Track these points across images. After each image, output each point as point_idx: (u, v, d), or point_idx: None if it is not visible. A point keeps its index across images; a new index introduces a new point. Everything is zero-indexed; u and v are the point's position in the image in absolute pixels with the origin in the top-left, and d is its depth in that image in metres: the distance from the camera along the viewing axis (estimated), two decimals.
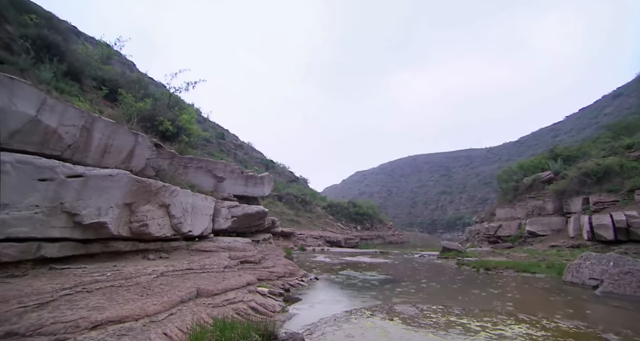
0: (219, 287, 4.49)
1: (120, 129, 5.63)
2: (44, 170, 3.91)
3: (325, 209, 37.19)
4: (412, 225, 76.60)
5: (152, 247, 5.77)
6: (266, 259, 7.64)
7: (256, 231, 10.10)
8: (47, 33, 10.70)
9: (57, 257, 4.28)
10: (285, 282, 6.10)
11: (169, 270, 4.84)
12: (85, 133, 4.91)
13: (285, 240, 18.69)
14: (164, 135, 11.36)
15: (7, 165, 3.50)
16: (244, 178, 10.58)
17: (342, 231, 33.57)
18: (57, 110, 4.40)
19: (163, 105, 12.77)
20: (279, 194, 31.85)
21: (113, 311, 2.92)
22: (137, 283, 4.08)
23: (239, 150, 45.11)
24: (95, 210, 4.48)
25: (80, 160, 4.89)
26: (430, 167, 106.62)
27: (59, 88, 9.06)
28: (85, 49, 14.03)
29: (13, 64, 8.11)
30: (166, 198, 5.72)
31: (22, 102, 3.85)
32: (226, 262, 6.00)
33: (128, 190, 4.89)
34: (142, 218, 5.12)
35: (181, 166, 8.33)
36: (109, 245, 5.08)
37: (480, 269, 9.95)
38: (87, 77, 11.80)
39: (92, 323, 2.59)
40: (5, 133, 3.74)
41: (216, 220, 7.99)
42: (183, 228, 6.23)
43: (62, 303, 2.91)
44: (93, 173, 4.44)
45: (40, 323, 2.37)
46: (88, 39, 31.09)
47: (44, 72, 8.91)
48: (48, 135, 4.31)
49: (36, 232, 3.85)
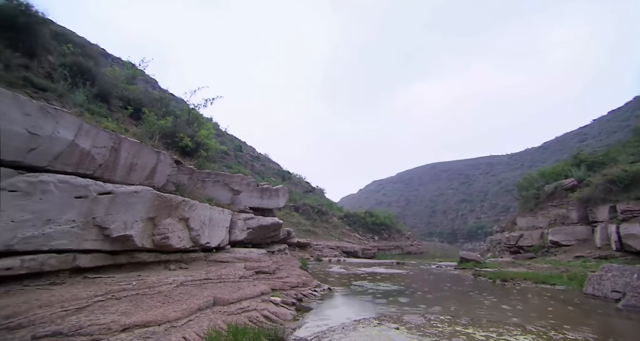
0: (234, 296, 4.78)
1: (144, 148, 6.14)
2: (79, 189, 4.39)
3: (341, 219, 37.14)
4: (432, 234, 74.84)
5: (173, 258, 6.16)
6: (280, 269, 7.89)
7: (271, 242, 10.39)
8: (82, 60, 11.70)
9: (90, 267, 4.71)
10: (298, 292, 6.32)
11: (188, 279, 5.18)
12: (114, 153, 5.42)
13: (301, 250, 18.88)
14: (184, 151, 12.02)
15: (50, 184, 3.98)
16: (259, 191, 10.97)
17: (359, 241, 33.35)
18: (90, 134, 4.92)
19: (183, 122, 13.51)
20: (296, 205, 32.16)
21: (139, 317, 3.25)
22: (159, 291, 4.43)
23: (256, 161, 46.09)
24: (122, 224, 4.91)
25: (109, 178, 5.39)
26: (450, 175, 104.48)
27: (90, 110, 9.87)
28: (113, 71, 15.09)
29: (53, 91, 8.98)
30: (186, 212, 6.13)
31: (63, 129, 4.37)
32: (241, 272, 6.30)
33: (151, 205, 5.32)
34: (163, 231, 5.53)
35: (200, 180, 8.81)
36: (134, 256, 5.50)
37: (497, 280, 9.77)
38: (115, 98, 12.66)
39: (122, 326, 2.92)
40: (50, 156, 4.26)
41: (232, 232, 8.35)
42: (201, 240, 6.62)
43: (96, 308, 3.27)
44: (120, 190, 4.89)
45: (79, 324, 2.72)
46: (115, 59, 33.20)
47: (78, 96, 9.78)
48: (83, 156, 4.82)
49: (72, 244, 4.29)
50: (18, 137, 3.83)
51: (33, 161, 4.09)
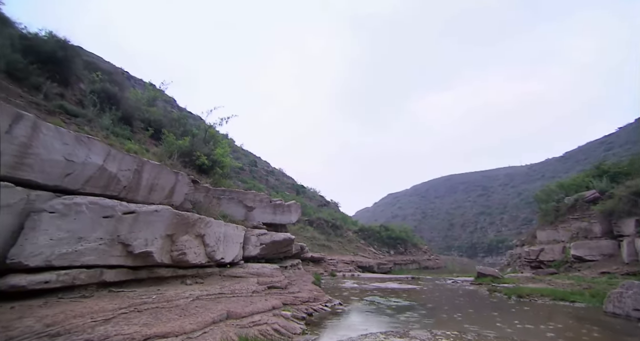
0: (247, 310, 5.02)
1: (164, 170, 6.61)
2: (107, 209, 4.82)
3: (356, 233, 36.89)
4: (450, 248, 72.73)
5: (189, 273, 6.49)
6: (292, 284, 8.08)
7: (284, 257, 10.61)
8: (108, 86, 12.66)
9: (114, 281, 5.08)
10: (309, 307, 6.48)
11: (204, 294, 5.47)
12: (137, 175, 5.90)
13: (315, 265, 18.92)
14: (200, 168, 12.61)
15: (82, 206, 4.42)
16: (272, 207, 11.31)
17: (374, 256, 32.93)
18: (117, 158, 5.41)
19: (200, 141, 14.19)
20: (310, 219, 32.27)
21: (158, 328, 3.54)
22: (176, 305, 4.73)
23: (271, 176, 46.81)
24: (143, 241, 5.30)
25: (132, 198, 5.84)
26: (467, 187, 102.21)
27: (115, 133, 10.62)
28: (135, 94, 16.12)
29: (84, 117, 9.78)
30: (201, 229, 6.50)
31: (94, 155, 4.87)
32: (254, 287, 6.54)
33: (170, 223, 5.71)
34: (181, 247, 5.89)
35: (215, 198, 9.24)
36: (154, 272, 5.85)
37: (513, 296, 9.56)
38: (137, 120, 13.47)
39: (144, 336, 3.22)
40: (82, 180, 4.74)
41: (246, 248, 8.65)
42: (216, 255, 6.94)
43: (121, 319, 3.59)
44: (142, 209, 5.31)
45: (107, 334, 3.04)
46: (137, 81, 35.21)
47: (105, 120, 10.58)
48: (110, 179, 5.30)
49: (100, 260, 4.69)
50: (58, 164, 4.33)
51: (68, 185, 4.58)
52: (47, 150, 4.14)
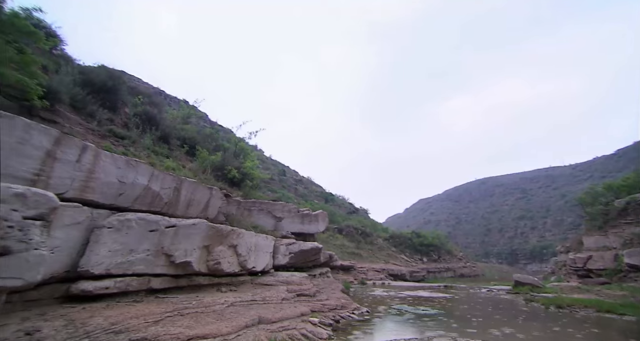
0: (277, 316, 5.40)
1: (199, 186, 7.26)
2: (152, 223, 5.46)
3: (387, 241, 36.37)
4: (488, 255, 69.05)
5: (224, 281, 7.02)
6: (321, 292, 8.37)
7: (313, 266, 10.93)
8: (149, 109, 13.92)
9: (160, 288, 5.69)
10: (336, 314, 6.73)
11: (237, 300, 5.93)
12: (176, 192, 6.56)
13: (345, 273, 19.01)
14: (232, 181, 13.41)
15: (132, 221, 5.08)
16: (300, 217, 11.73)
17: (406, 263, 32.24)
18: (159, 178, 6.10)
19: (230, 155, 15.07)
20: (339, 227, 32.35)
21: (199, 330, 4.01)
22: (213, 310, 5.22)
23: (299, 184, 47.60)
24: (183, 252, 5.88)
25: (173, 213, 6.50)
26: (503, 190, 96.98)
27: (155, 151, 11.66)
28: (172, 113, 17.46)
29: (129, 138, 10.89)
30: (234, 240, 7.03)
31: (141, 176, 5.57)
32: (284, 295, 6.93)
33: (206, 235, 6.28)
34: (216, 257, 6.43)
35: (246, 210, 9.84)
36: (193, 280, 6.43)
37: (551, 307, 9.11)
38: (173, 138, 14.58)
39: (187, 336, 3.69)
40: (131, 199, 5.44)
41: (276, 257, 9.10)
42: (248, 264, 7.43)
43: (167, 322, 4.10)
44: (182, 223, 5.92)
45: (157, 333, 3.54)
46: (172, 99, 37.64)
47: (146, 140, 11.67)
48: (154, 197, 5.98)
49: (147, 269, 5.31)
50: (113, 186, 5.03)
51: (121, 203, 5.28)
52: (105, 174, 4.84)
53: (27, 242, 2.12)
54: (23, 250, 2.10)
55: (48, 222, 2.31)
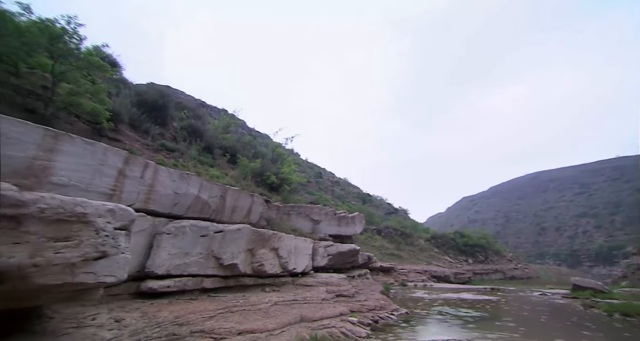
0: (317, 315, 5.73)
1: (242, 193, 7.86)
2: (203, 229, 6.08)
3: (428, 241, 35.29)
4: (543, 256, 63.72)
5: (267, 282, 7.51)
6: (359, 293, 8.57)
7: (351, 267, 11.15)
8: (193, 122, 15.12)
9: (211, 288, 6.30)
10: (375, 314, 6.90)
11: (280, 300, 6.36)
12: (222, 200, 7.19)
13: (385, 275, 18.90)
14: (271, 187, 14.10)
15: (186, 228, 5.73)
16: (337, 219, 12.02)
17: (450, 265, 31.04)
18: (207, 188, 6.75)
19: (268, 161, 15.83)
20: (378, 228, 32.07)
21: (247, 325, 4.46)
22: (259, 308, 5.68)
23: (336, 186, 47.86)
24: (230, 255, 6.45)
25: (219, 219, 7.13)
26: (558, 185, 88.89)
27: (200, 161, 12.68)
28: (214, 124, 18.70)
29: (178, 151, 11.98)
30: (275, 243, 7.51)
31: (192, 187, 6.24)
32: (323, 295, 7.25)
33: (249, 239, 6.81)
34: (259, 259, 6.94)
35: (285, 214, 10.35)
36: (239, 280, 6.99)
37: (615, 314, 8.37)
38: (216, 148, 15.64)
39: (238, 331, 4.15)
40: (185, 207, 6.12)
41: (315, 258, 9.46)
42: (289, 266, 7.87)
43: (219, 318, 4.61)
44: (228, 228, 6.49)
45: (212, 327, 4.04)
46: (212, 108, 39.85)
47: (192, 151, 12.73)
48: (203, 205, 6.64)
49: (200, 270, 5.93)
50: (169, 197, 5.73)
51: (176, 211, 5.97)
52: (163, 187, 5.54)
53: (117, 248, 2.65)
54: (115, 254, 2.63)
55: (129, 231, 2.84)
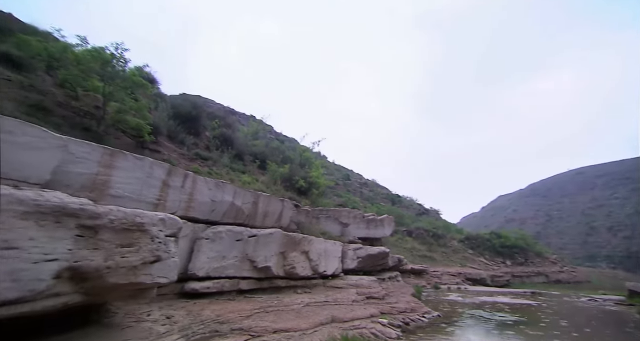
0: (348, 316, 5.92)
1: (272, 199, 8.24)
2: (237, 234, 6.50)
3: (462, 242, 34.08)
4: (594, 258, 58.92)
5: (299, 283, 7.81)
6: (390, 295, 8.62)
7: (381, 269, 11.20)
8: (224, 131, 15.90)
9: (246, 289, 6.69)
10: (406, 317, 6.95)
11: (312, 301, 6.62)
12: (254, 206, 7.60)
13: (417, 277, 18.59)
14: (299, 190, 14.48)
15: (222, 233, 6.16)
16: (365, 222, 12.12)
17: (486, 267, 29.78)
18: (241, 195, 7.19)
19: (296, 166, 16.24)
20: (408, 229, 31.52)
21: (282, 324, 4.75)
22: (292, 309, 5.97)
23: (364, 188, 47.58)
24: (263, 258, 6.81)
25: (252, 224, 7.53)
26: (608, 181, 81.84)
27: (232, 168, 13.31)
28: (243, 131, 19.47)
29: (211, 159, 12.69)
30: (305, 246, 7.79)
31: (227, 195, 6.69)
32: (354, 297, 7.42)
33: (281, 242, 7.15)
34: (291, 262, 7.25)
35: (314, 217, 10.63)
36: (273, 282, 7.34)
37: None
38: (246, 154, 16.30)
39: (273, 329, 4.44)
40: (221, 214, 6.58)
41: (344, 261, 9.64)
42: (319, 269, 8.12)
43: (255, 317, 4.95)
44: (261, 233, 6.87)
45: (249, 325, 4.37)
46: (240, 115, 41.23)
47: (224, 159, 13.40)
48: (237, 211, 7.07)
49: (236, 273, 6.34)
50: (207, 204, 6.21)
51: (213, 218, 6.44)
52: (201, 195, 6.02)
53: (168, 253, 3.04)
54: (166, 258, 3.02)
55: (177, 238, 3.23)
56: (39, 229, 2.06)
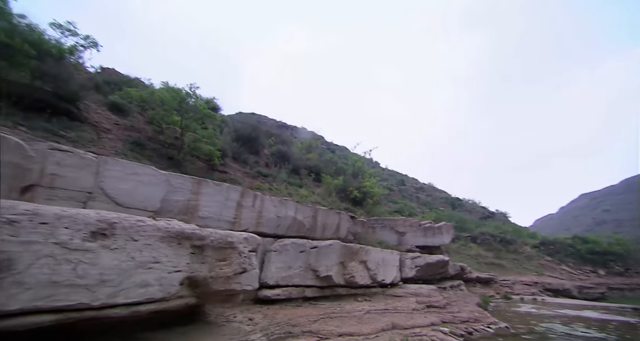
0: (408, 324, 6.16)
1: (330, 212, 8.85)
2: (301, 246, 7.19)
3: (537, 248, 30.95)
4: None
5: (359, 292, 8.21)
6: (451, 305, 8.53)
7: (441, 278, 11.01)
8: (281, 147, 17.16)
9: (311, 297, 7.31)
10: (469, 326, 6.89)
11: (372, 309, 6.98)
12: (314, 219, 8.28)
13: (483, 286, 17.51)
14: (354, 201, 14.93)
15: (288, 245, 6.91)
16: (422, 230, 12.06)
17: (570, 276, 26.56)
18: (301, 210, 7.93)
19: (349, 177, 16.74)
20: (472, 235, 29.75)
21: (345, 329, 5.23)
22: (353, 315, 6.41)
23: (421, 192, 46.04)
24: (325, 267, 7.39)
25: (312, 236, 8.20)
26: None
27: (290, 182, 14.32)
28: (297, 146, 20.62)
29: (270, 175, 13.85)
30: (363, 256, 8.20)
31: (289, 210, 7.48)
32: (413, 305, 7.57)
33: (340, 253, 7.67)
34: (350, 271, 7.71)
35: (370, 227, 10.97)
36: (334, 290, 7.86)
37: None
38: (302, 168, 17.27)
39: (338, 333, 4.95)
40: (285, 228, 7.38)
41: (402, 270, 9.77)
42: (377, 277, 8.43)
43: (322, 322, 5.51)
44: (322, 244, 7.48)
45: (317, 329, 4.94)
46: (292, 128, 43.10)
47: (282, 174, 14.48)
48: (299, 225, 7.81)
49: (301, 281, 7.01)
50: (273, 220, 7.05)
51: (279, 232, 7.25)
52: (268, 212, 6.87)
53: (251, 265, 3.78)
54: (250, 270, 3.76)
55: (256, 252, 3.97)
56: (169, 248, 2.90)
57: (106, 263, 2.47)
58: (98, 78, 11.43)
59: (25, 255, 2.03)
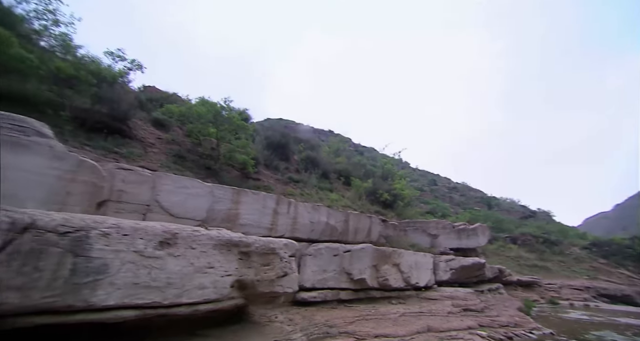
0: (444, 326, 6.18)
1: (361, 216, 9.04)
2: (334, 250, 7.45)
3: (587, 249, 28.78)
4: None
5: (393, 295, 8.29)
6: (490, 308, 8.35)
7: (478, 281, 10.73)
8: (310, 153, 17.56)
9: (346, 299, 7.52)
10: (509, 331, 6.75)
11: (407, 311, 7.05)
12: (345, 224, 8.52)
13: (525, 290, 16.63)
14: (384, 203, 14.92)
15: (322, 249, 7.21)
16: (456, 232, 11.84)
17: (630, 281, 24.37)
18: (333, 215, 8.20)
19: (379, 179, 16.74)
20: (511, 236, 28.39)
21: (381, 331, 5.40)
22: (388, 318, 6.54)
23: (454, 192, 44.57)
24: (358, 271, 7.58)
25: (345, 240, 8.43)
26: None
27: (320, 187, 14.62)
28: (326, 150, 20.92)
29: (301, 181, 14.25)
30: (396, 259, 8.28)
31: (322, 215, 7.79)
32: (449, 309, 7.53)
33: (373, 256, 7.83)
34: (383, 274, 7.84)
35: (402, 230, 10.98)
36: (368, 293, 8.01)
37: None
38: (331, 172, 17.54)
39: (374, 334, 5.14)
40: (318, 233, 7.69)
41: (437, 273, 9.69)
42: (411, 280, 8.46)
43: (357, 323, 5.72)
44: (355, 248, 7.69)
45: (353, 330, 5.16)
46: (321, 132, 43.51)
47: (312, 179, 14.82)
48: (332, 229, 8.08)
49: (336, 284, 7.25)
50: (306, 225, 7.39)
51: (312, 236, 7.57)
52: (302, 218, 7.22)
53: (291, 269, 4.11)
54: (290, 273, 4.09)
55: (295, 257, 4.29)
56: (221, 255, 3.30)
57: (171, 268, 2.90)
58: (142, 96, 12.51)
59: (115, 261, 2.50)
